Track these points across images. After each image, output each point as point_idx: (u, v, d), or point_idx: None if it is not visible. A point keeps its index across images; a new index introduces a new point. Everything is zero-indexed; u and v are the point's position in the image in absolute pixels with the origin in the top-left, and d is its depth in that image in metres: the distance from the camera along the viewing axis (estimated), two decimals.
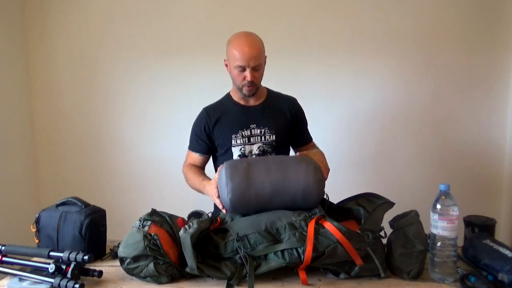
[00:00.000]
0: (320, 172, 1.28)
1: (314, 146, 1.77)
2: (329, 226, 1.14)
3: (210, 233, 1.21)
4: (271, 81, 1.77)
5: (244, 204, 1.24)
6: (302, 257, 1.13)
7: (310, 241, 1.12)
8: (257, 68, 1.53)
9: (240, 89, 1.58)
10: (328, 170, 1.47)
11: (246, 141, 1.62)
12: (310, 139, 1.79)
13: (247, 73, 1.51)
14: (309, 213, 1.22)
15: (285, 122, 1.66)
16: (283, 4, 2.43)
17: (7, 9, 2.42)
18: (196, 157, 1.71)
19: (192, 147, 1.72)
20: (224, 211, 1.33)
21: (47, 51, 2.56)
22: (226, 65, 1.61)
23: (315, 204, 1.26)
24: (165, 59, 2.50)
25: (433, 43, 2.39)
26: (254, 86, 1.56)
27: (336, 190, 1.41)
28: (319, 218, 1.17)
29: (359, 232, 1.15)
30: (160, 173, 2.55)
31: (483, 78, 2.39)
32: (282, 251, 1.14)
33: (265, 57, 1.60)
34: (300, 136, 1.74)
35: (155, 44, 2.50)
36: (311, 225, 1.15)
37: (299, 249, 1.13)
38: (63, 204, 1.40)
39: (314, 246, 1.12)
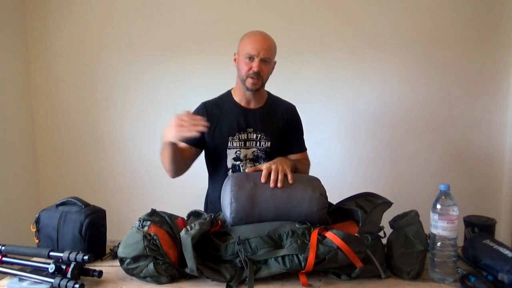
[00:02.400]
0: (325, 198, 1.27)
1: (305, 158, 1.72)
2: (329, 234, 1.15)
3: (210, 235, 1.21)
4: (271, 81, 1.76)
5: (245, 223, 1.24)
6: (303, 264, 1.13)
7: (313, 248, 1.12)
8: (266, 61, 1.53)
9: (243, 81, 1.55)
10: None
11: (242, 145, 1.61)
12: (303, 149, 1.73)
13: (255, 63, 1.51)
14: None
15: (281, 129, 1.65)
16: (283, 4, 2.43)
17: (7, 9, 2.42)
18: (184, 148, 1.55)
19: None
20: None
21: (47, 51, 2.56)
22: (235, 60, 1.60)
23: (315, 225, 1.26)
24: (165, 59, 2.50)
25: (433, 43, 2.39)
26: (259, 79, 1.53)
27: (336, 190, 1.41)
28: (321, 230, 1.18)
29: (358, 235, 1.15)
30: (160, 173, 2.50)
31: (483, 78, 2.39)
32: (283, 258, 1.14)
33: (275, 62, 1.60)
34: (293, 144, 1.69)
35: (155, 44, 2.50)
36: (314, 234, 1.15)
37: (300, 255, 1.13)
38: (63, 204, 1.40)
39: (316, 253, 1.12)
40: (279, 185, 1.25)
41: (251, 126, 1.62)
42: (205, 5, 2.46)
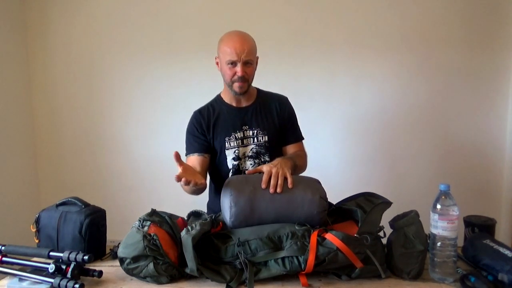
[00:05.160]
0: (325, 200, 1.27)
1: (301, 149, 1.71)
2: (329, 235, 1.15)
3: (211, 236, 1.21)
4: (271, 81, 1.76)
5: (245, 226, 1.24)
6: (302, 265, 1.13)
7: (313, 250, 1.12)
8: (249, 63, 1.52)
9: (230, 87, 1.56)
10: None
11: (240, 143, 1.61)
12: (300, 138, 1.72)
13: (238, 68, 1.50)
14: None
15: (276, 122, 1.65)
16: (283, 5, 2.43)
17: (7, 9, 2.42)
18: (195, 160, 1.57)
19: (190, 150, 1.62)
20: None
21: (47, 51, 2.56)
22: (217, 63, 1.60)
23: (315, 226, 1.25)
24: (165, 60, 2.50)
25: (433, 43, 2.39)
26: (245, 82, 1.53)
27: (336, 190, 1.41)
28: (321, 231, 1.18)
29: (358, 236, 1.15)
30: (160, 173, 2.54)
31: (483, 78, 2.39)
32: (283, 259, 1.14)
33: (257, 57, 1.59)
34: (289, 135, 1.69)
35: (155, 45, 2.50)
36: (314, 235, 1.15)
37: (299, 257, 1.13)
38: (63, 204, 1.40)
39: (316, 255, 1.12)
40: (278, 190, 1.25)
41: (246, 124, 1.62)
42: (206, 6, 2.46)
